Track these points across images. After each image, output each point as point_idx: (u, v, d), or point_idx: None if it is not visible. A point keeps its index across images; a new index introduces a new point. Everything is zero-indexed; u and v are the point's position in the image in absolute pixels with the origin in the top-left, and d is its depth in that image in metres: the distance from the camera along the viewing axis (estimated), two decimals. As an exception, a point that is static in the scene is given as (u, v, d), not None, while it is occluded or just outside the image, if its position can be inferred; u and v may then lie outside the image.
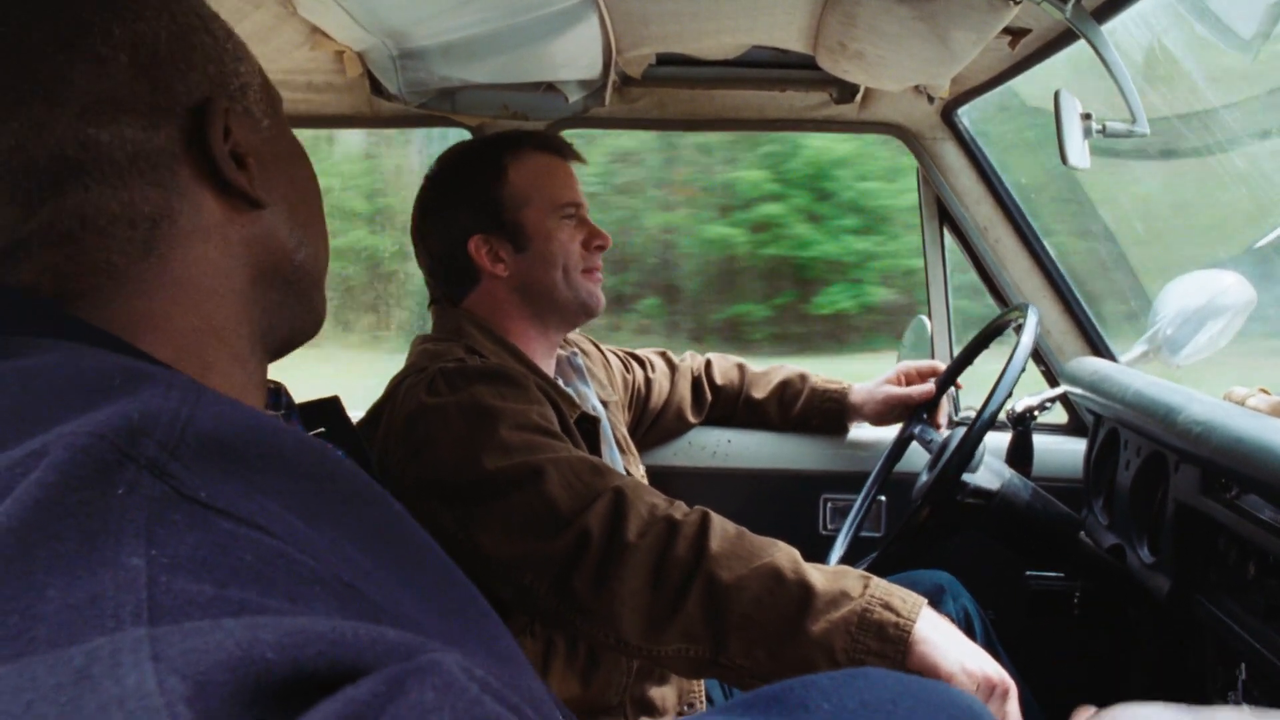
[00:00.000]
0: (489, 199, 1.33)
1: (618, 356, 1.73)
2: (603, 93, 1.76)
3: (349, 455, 0.71)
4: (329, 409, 0.75)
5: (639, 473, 1.53)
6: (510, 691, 0.37)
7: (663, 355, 1.84)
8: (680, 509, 1.07)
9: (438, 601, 0.48)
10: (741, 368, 1.90)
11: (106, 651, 0.32)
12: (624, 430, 1.57)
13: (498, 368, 1.21)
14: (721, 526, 1.04)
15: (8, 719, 0.30)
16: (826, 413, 1.84)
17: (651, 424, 1.80)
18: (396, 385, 1.22)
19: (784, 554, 1.01)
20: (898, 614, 0.94)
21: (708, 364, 1.88)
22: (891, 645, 0.93)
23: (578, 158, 1.42)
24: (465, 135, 1.93)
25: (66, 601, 0.34)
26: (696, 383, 1.86)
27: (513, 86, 1.76)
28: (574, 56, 1.62)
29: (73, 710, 0.30)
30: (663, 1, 1.43)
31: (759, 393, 1.87)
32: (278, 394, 0.71)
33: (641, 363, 1.79)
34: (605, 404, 1.52)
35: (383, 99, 1.75)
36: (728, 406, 1.88)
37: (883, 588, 0.97)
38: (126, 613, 0.33)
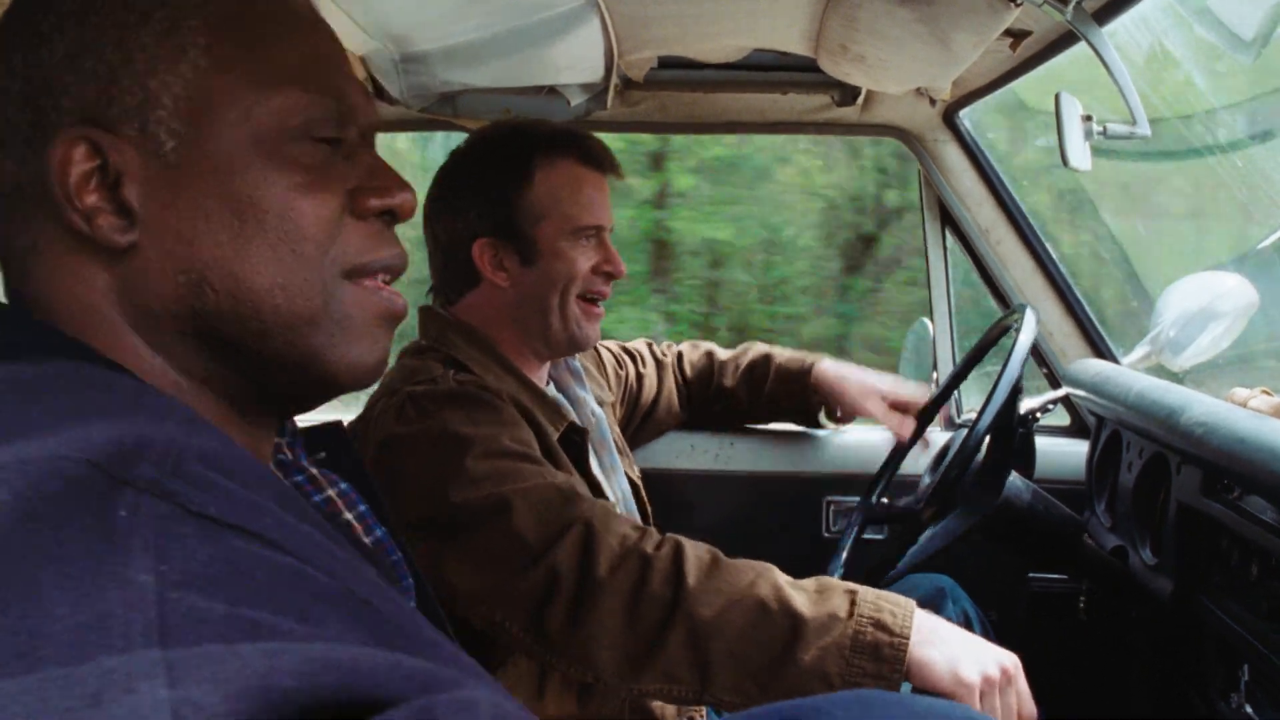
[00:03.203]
0: (506, 203, 1.24)
1: (611, 352, 1.68)
2: (604, 96, 1.76)
3: (352, 480, 0.70)
4: (331, 433, 0.72)
5: (635, 474, 1.49)
6: None
7: (649, 346, 1.78)
8: (652, 540, 1.03)
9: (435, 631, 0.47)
10: (710, 355, 1.80)
11: (120, 675, 0.31)
12: (618, 429, 1.53)
13: (468, 390, 1.15)
14: (695, 556, 1.01)
15: None
16: (791, 394, 1.73)
17: (643, 419, 1.73)
18: (372, 406, 1.19)
19: (765, 581, 0.99)
20: (890, 632, 0.93)
21: (679, 356, 1.80)
22: (888, 665, 0.92)
23: (615, 171, 1.32)
24: (467, 139, 1.94)
25: (75, 620, 0.33)
26: (681, 379, 1.80)
27: (514, 90, 1.76)
28: (576, 60, 1.62)
29: None
30: (664, 5, 1.44)
31: (729, 380, 1.76)
32: (281, 420, 0.68)
33: (634, 356, 1.73)
34: (604, 404, 1.48)
35: (385, 103, 1.75)
36: (701, 397, 1.79)
37: (871, 604, 0.95)
38: (136, 631, 0.33)
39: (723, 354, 1.80)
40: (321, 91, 0.59)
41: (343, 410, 1.15)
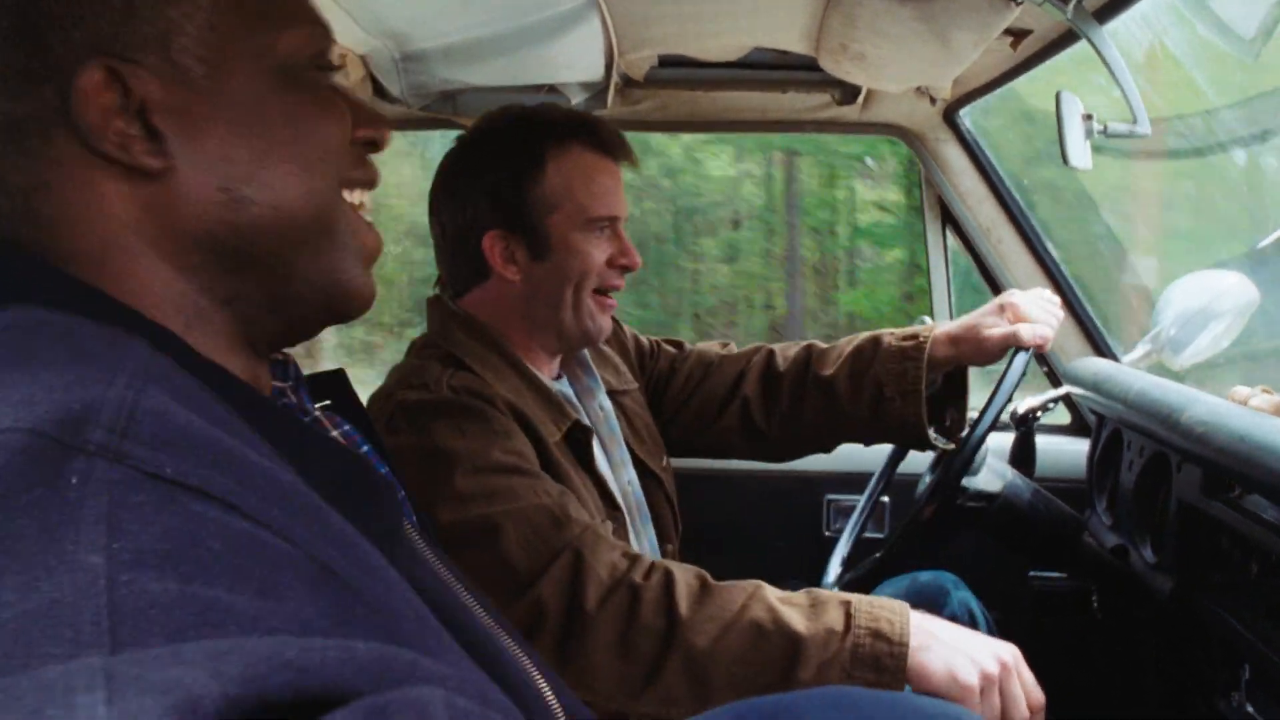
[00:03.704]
0: (517, 195, 1.19)
1: (643, 343, 1.56)
2: (605, 95, 1.76)
3: (355, 427, 0.71)
4: (336, 382, 0.74)
5: (659, 465, 1.43)
6: (484, 707, 0.36)
7: (723, 347, 1.57)
8: (641, 569, 1.01)
9: (401, 597, 0.47)
10: (810, 347, 1.50)
11: (60, 689, 0.30)
12: (648, 418, 1.46)
13: (460, 400, 1.11)
14: (685, 584, 0.99)
15: None
16: (903, 374, 1.37)
17: (672, 417, 1.54)
18: (371, 405, 1.16)
19: (758, 602, 0.97)
20: (889, 640, 0.92)
21: (769, 354, 1.51)
22: (889, 675, 0.91)
23: (630, 159, 1.27)
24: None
25: (24, 608, 0.32)
26: (739, 378, 1.50)
27: (515, 89, 1.76)
28: (576, 58, 1.62)
29: None
30: (664, 3, 1.44)
31: (828, 369, 1.44)
32: (285, 365, 0.69)
33: (679, 347, 1.58)
34: (622, 393, 1.42)
35: (385, 102, 1.75)
36: (795, 392, 1.46)
37: (867, 614, 0.94)
38: (85, 622, 0.32)
39: (824, 344, 1.51)
40: (320, 27, 0.63)
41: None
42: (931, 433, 1.40)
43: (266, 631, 0.35)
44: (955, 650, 0.92)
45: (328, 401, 0.72)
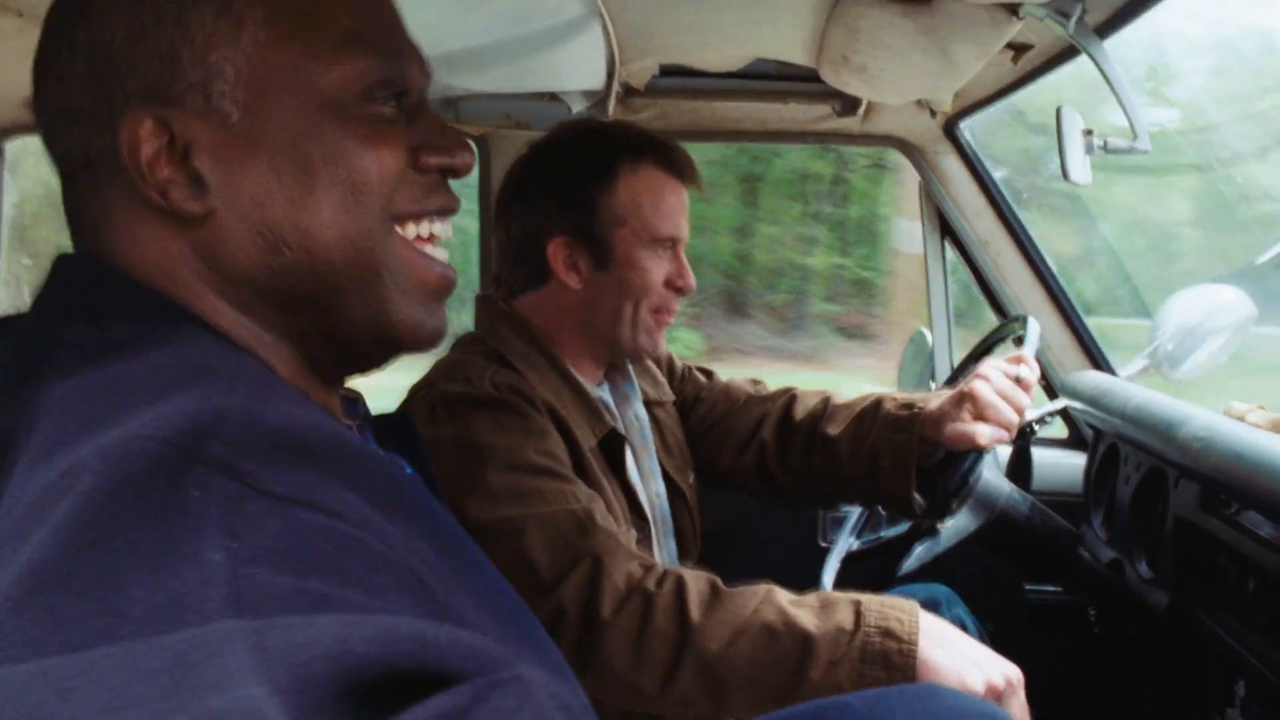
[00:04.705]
0: (587, 204, 1.22)
1: (683, 366, 1.55)
2: (606, 103, 1.76)
3: (416, 472, 0.70)
4: (400, 425, 0.74)
5: (685, 481, 1.42)
6: (580, 709, 0.38)
7: (752, 385, 1.54)
8: (655, 576, 1.02)
9: (494, 607, 0.48)
10: (827, 400, 1.46)
11: (204, 640, 0.33)
12: (679, 433, 1.46)
13: (502, 397, 1.13)
14: (696, 589, 1.00)
15: (109, 694, 0.31)
16: (897, 446, 1.32)
17: (690, 443, 1.50)
18: (413, 395, 1.19)
19: (769, 605, 0.98)
20: (899, 638, 0.93)
21: (790, 401, 1.47)
22: (900, 672, 0.92)
23: (695, 183, 1.29)
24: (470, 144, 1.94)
25: (153, 600, 0.34)
26: (760, 421, 1.47)
27: (516, 96, 1.76)
28: (577, 66, 1.62)
29: (174, 691, 0.31)
30: (666, 13, 1.44)
31: (834, 427, 1.41)
32: (355, 403, 0.70)
33: (709, 375, 1.56)
34: (658, 404, 1.43)
35: (386, 107, 1.75)
36: (805, 447, 1.43)
37: (876, 612, 0.95)
38: (214, 606, 0.34)
39: (841, 399, 1.46)
40: (382, 54, 0.60)
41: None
42: (919, 502, 1.37)
43: (383, 614, 0.37)
44: (965, 656, 0.93)
45: (391, 447, 0.72)
